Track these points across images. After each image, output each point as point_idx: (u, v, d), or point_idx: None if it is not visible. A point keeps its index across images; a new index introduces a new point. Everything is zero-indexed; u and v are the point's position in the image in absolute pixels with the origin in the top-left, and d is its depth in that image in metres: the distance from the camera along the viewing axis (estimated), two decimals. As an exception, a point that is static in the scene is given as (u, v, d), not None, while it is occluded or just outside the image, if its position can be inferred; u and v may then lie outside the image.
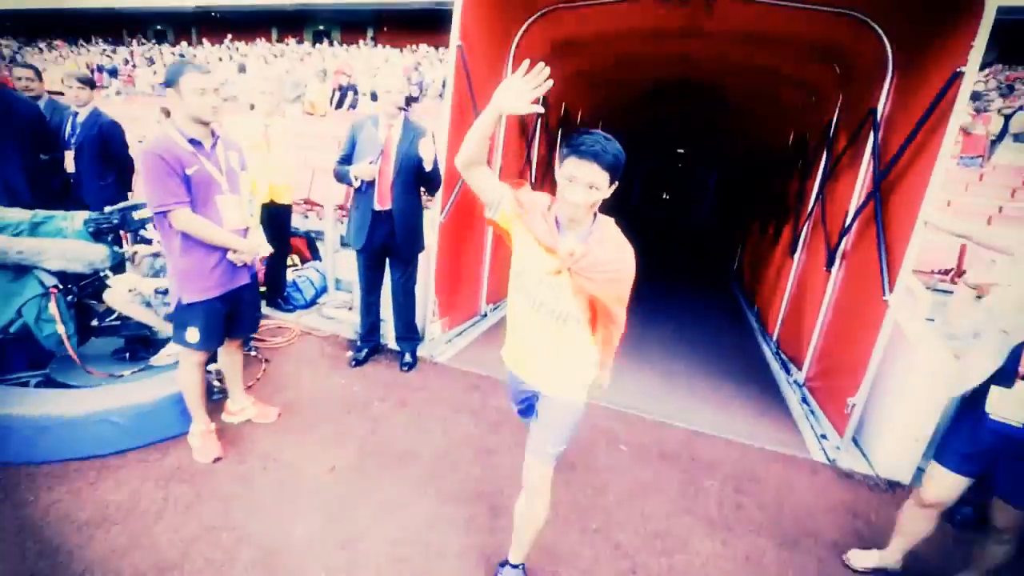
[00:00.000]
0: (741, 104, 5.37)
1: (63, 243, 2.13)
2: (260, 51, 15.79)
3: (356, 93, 9.62)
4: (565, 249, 1.26)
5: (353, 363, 2.95)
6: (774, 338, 4.20)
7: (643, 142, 8.97)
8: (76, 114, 3.24)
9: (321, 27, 21.77)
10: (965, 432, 1.57)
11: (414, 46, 14.45)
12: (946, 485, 1.59)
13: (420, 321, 3.09)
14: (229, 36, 19.14)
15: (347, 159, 2.68)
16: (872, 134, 2.82)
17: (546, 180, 4.66)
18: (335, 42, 19.16)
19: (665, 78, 4.98)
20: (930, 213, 2.16)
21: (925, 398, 2.23)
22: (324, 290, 3.89)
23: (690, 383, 3.38)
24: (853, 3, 2.77)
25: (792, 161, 4.69)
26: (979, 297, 2.63)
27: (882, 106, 2.85)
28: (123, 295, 2.24)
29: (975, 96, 7.49)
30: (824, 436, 2.71)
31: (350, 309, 3.56)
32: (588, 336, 1.43)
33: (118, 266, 2.34)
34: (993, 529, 1.63)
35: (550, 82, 1.17)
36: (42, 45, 23.51)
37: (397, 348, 3.04)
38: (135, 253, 2.41)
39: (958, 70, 2.06)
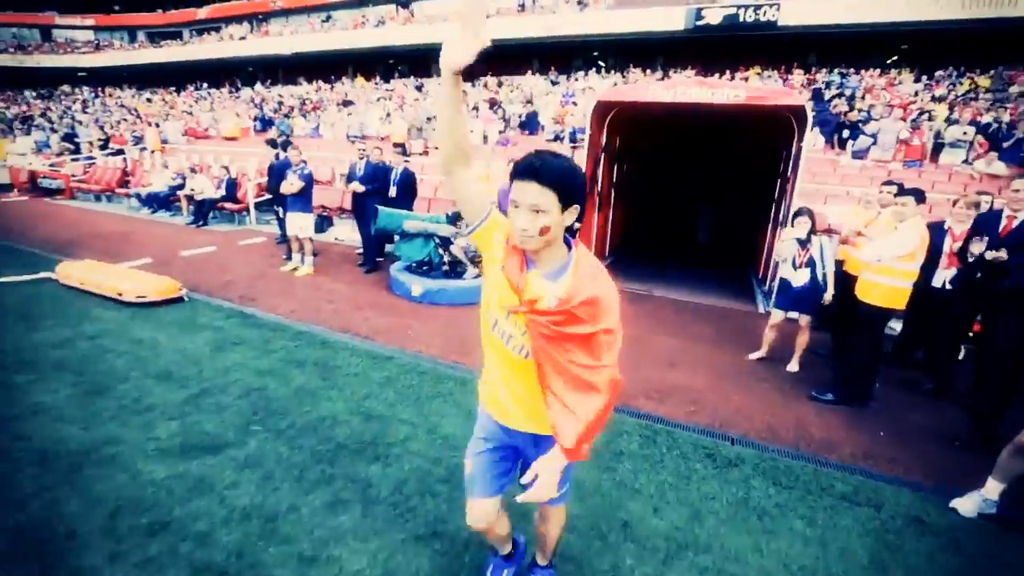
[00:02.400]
0: (739, 143, 8.44)
1: (440, 225, 5.53)
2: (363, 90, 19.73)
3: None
4: (529, 293, 1.18)
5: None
6: (759, 275, 7.22)
7: (673, 165, 12.03)
8: (391, 167, 6.65)
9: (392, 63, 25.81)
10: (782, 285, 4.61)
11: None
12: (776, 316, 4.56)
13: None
14: (302, 78, 23.53)
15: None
16: (793, 161, 5.89)
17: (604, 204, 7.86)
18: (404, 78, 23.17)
19: (685, 128, 8.14)
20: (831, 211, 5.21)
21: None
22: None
23: (707, 292, 6.48)
24: (778, 109, 5.85)
25: (773, 175, 7.69)
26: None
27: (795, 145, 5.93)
28: (457, 248, 5.61)
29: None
30: (767, 302, 5.75)
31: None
32: None
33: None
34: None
35: (485, 8, 1.06)
36: (148, 94, 28.83)
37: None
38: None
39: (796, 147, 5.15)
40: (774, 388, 3.84)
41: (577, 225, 1.19)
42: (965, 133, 8.97)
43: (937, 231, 3.84)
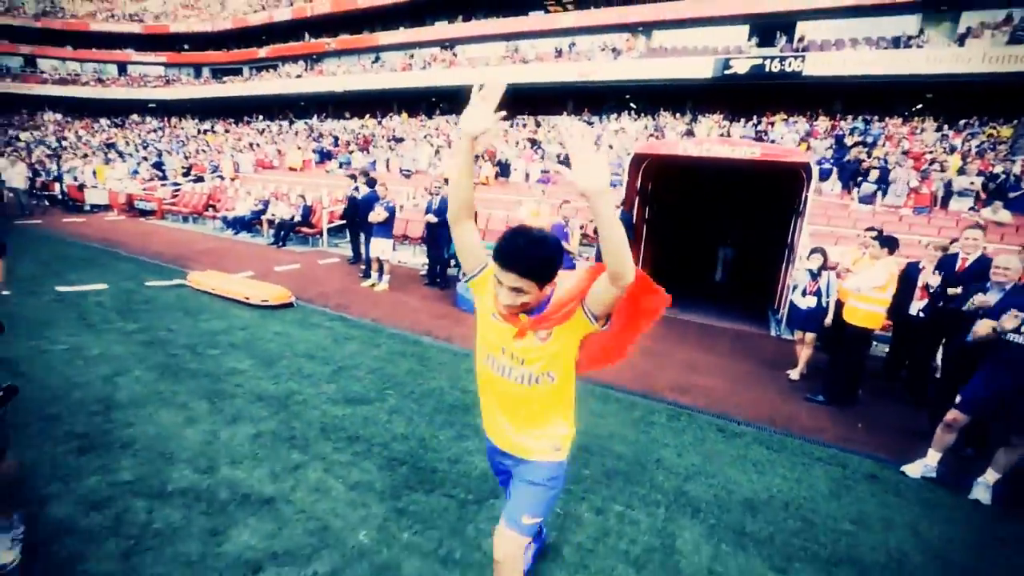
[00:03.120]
0: (757, 191, 9.52)
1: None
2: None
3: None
4: (524, 320, 1.40)
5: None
6: (774, 306, 8.16)
7: (697, 209, 13.14)
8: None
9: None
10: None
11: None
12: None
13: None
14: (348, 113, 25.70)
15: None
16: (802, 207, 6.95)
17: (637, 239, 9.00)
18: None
19: (709, 177, 9.28)
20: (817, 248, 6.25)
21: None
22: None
23: (726, 318, 7.46)
24: (789, 165, 6.95)
25: (786, 219, 8.71)
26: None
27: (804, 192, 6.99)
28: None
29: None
30: (778, 327, 6.70)
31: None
32: (561, 395, 1.55)
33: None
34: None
35: (502, 89, 1.32)
36: (207, 124, 31.57)
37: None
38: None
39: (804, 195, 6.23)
40: (777, 391, 4.81)
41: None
42: (972, 183, 9.85)
43: (912, 269, 4.84)
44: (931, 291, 4.49)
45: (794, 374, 5.16)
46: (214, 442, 3.02)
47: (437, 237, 7.28)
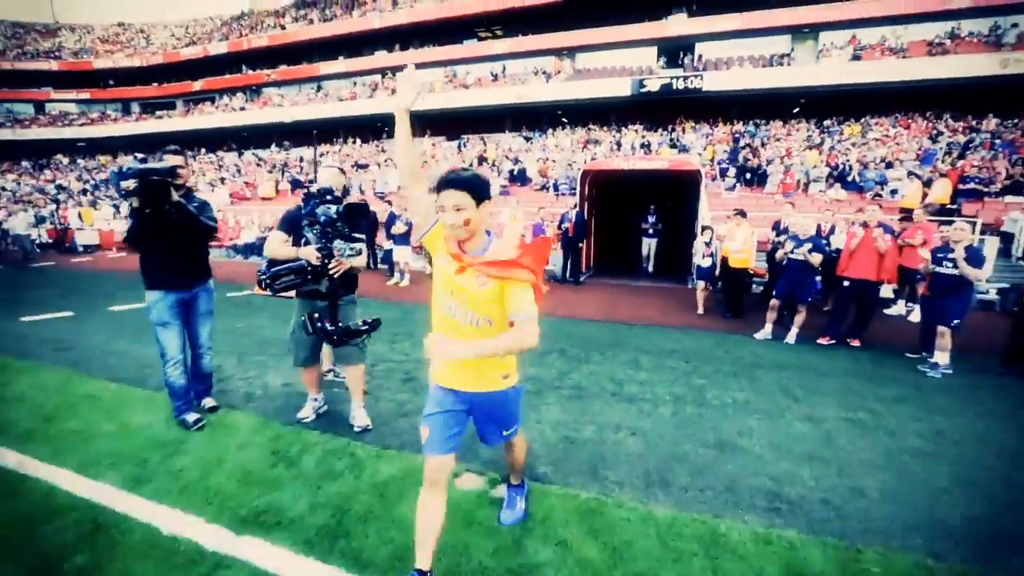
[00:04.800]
0: (670, 191, 12.82)
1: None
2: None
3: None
4: (467, 259, 1.72)
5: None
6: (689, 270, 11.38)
7: (630, 202, 16.47)
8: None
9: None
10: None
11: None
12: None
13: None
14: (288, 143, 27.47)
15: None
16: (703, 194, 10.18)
17: (588, 236, 11.97)
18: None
19: (638, 183, 12.47)
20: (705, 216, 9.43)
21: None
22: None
23: (658, 281, 10.53)
24: (688, 171, 10.19)
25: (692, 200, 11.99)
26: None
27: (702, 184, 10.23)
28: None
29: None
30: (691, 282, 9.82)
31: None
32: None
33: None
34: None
35: (417, 74, 1.79)
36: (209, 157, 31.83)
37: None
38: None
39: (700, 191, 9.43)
40: (691, 315, 7.79)
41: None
42: (821, 172, 13.73)
43: (776, 230, 8.02)
44: (771, 243, 7.66)
45: (700, 311, 8.17)
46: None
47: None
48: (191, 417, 3.30)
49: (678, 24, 24.42)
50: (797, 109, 23.66)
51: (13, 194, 21.32)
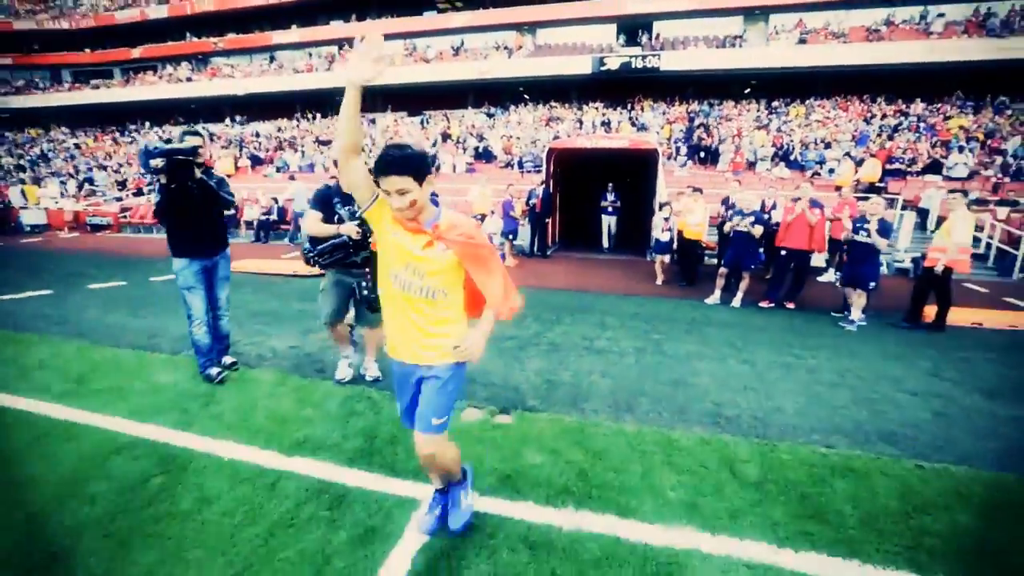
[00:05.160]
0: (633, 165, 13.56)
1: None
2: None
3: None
4: (429, 231, 1.73)
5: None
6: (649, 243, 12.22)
7: (592, 179, 17.16)
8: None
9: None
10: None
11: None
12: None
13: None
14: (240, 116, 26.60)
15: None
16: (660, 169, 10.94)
17: (553, 212, 12.57)
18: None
19: (599, 161, 13.11)
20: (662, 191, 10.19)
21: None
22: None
23: (620, 254, 11.30)
24: (646, 150, 10.90)
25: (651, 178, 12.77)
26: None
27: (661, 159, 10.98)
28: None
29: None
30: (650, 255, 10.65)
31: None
32: (457, 307, 1.87)
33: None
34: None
35: (381, 39, 1.56)
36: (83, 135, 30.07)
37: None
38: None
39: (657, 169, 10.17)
40: (650, 284, 8.57)
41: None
42: (767, 152, 14.78)
43: (725, 205, 8.83)
44: (720, 217, 8.49)
45: (659, 281, 8.96)
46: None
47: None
48: (214, 371, 3.72)
49: (637, 2, 24.92)
50: (748, 90, 24.83)
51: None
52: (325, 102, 28.28)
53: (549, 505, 2.37)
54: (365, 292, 3.45)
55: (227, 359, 4.00)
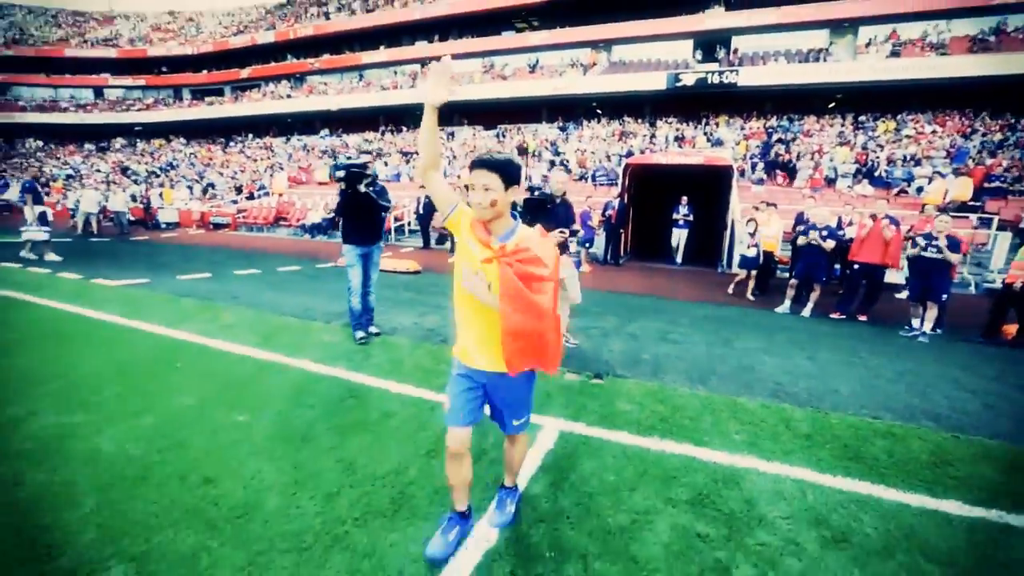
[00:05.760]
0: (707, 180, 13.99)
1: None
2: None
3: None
4: (496, 244, 1.81)
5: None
6: (720, 257, 12.59)
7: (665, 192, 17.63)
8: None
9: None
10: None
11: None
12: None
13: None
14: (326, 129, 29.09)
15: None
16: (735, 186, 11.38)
17: (627, 224, 13.26)
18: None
19: (677, 174, 13.68)
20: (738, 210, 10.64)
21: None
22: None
23: (689, 265, 11.80)
24: (721, 166, 11.39)
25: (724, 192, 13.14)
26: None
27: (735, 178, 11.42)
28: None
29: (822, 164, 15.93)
30: (721, 267, 11.08)
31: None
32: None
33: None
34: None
35: (451, 62, 1.78)
36: (195, 146, 34.02)
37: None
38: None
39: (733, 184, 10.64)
40: (720, 293, 9.07)
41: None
42: (849, 169, 14.67)
43: (799, 221, 9.23)
44: (794, 232, 8.89)
45: (730, 290, 9.41)
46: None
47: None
48: (360, 334, 4.84)
49: (715, 17, 25.18)
50: (833, 104, 24.27)
51: (106, 175, 23.62)
52: (407, 116, 30.59)
53: (639, 435, 3.18)
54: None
55: (372, 328, 5.11)
